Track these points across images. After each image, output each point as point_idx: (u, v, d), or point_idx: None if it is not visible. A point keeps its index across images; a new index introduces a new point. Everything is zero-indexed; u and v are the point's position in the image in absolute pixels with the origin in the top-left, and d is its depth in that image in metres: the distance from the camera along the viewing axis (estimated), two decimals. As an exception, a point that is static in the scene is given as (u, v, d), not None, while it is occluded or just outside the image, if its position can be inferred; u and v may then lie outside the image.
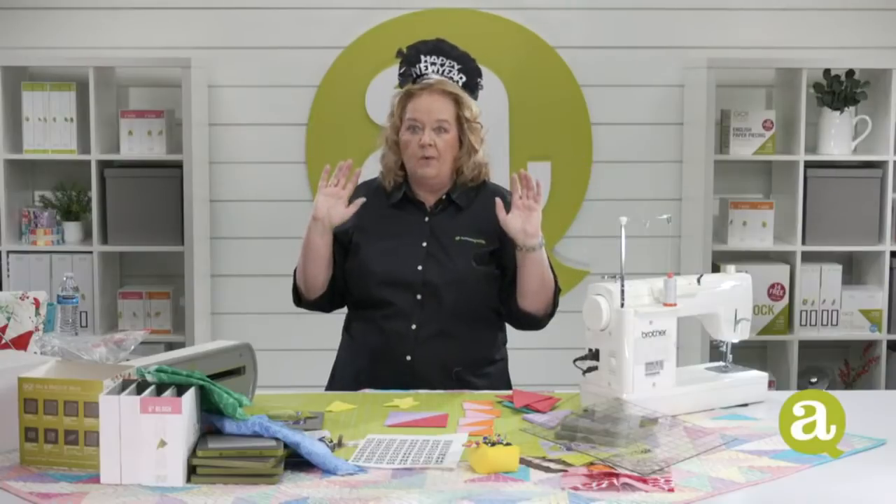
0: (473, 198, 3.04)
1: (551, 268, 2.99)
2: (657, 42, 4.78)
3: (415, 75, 3.02)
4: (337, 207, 2.89)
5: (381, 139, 3.08)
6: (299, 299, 3.07)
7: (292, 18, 4.74)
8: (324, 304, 3.06)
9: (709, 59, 4.52)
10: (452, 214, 3.01)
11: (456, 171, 3.02)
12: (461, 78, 3.03)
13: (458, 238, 2.98)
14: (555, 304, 3.03)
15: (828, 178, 4.60)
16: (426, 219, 3.00)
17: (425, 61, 3.02)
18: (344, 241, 3.00)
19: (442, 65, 3.02)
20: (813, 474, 2.20)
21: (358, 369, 2.98)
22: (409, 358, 2.93)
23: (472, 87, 3.05)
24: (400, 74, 3.07)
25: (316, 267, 2.95)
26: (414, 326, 2.93)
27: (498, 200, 2.87)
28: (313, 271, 2.96)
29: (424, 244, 2.97)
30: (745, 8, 4.79)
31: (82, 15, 4.71)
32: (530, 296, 2.96)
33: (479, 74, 3.08)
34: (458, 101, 2.98)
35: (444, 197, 3.02)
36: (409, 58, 3.04)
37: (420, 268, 2.94)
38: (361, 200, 2.92)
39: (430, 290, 2.93)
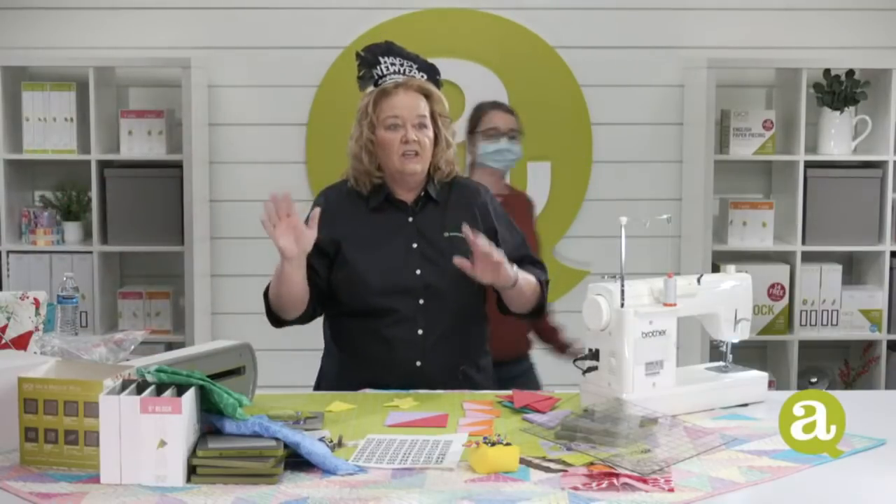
0: (448, 193, 3.02)
1: (539, 264, 3.03)
2: (657, 42, 4.77)
3: (376, 77, 2.97)
4: (301, 238, 2.75)
5: (352, 142, 2.98)
6: (276, 320, 2.96)
7: (292, 18, 4.74)
8: (304, 319, 2.97)
9: (709, 59, 4.52)
10: (434, 211, 2.98)
11: (431, 167, 2.99)
12: (422, 76, 3.00)
13: (446, 234, 2.95)
14: (543, 297, 3.02)
15: (828, 178, 4.60)
16: (410, 219, 2.96)
17: (384, 62, 2.97)
18: (329, 251, 2.91)
19: (401, 65, 2.98)
20: (813, 474, 2.20)
21: (360, 380, 2.90)
22: (419, 364, 2.91)
23: (436, 83, 3.02)
24: (359, 78, 3.00)
25: (294, 294, 2.85)
26: (420, 332, 2.90)
27: (463, 261, 2.79)
28: (292, 298, 2.86)
29: (415, 245, 2.93)
30: (745, 8, 4.79)
31: (82, 15, 4.71)
32: (515, 308, 3.01)
33: (437, 71, 3.04)
34: (429, 97, 2.95)
35: (422, 194, 2.98)
36: (367, 60, 2.98)
37: (419, 272, 2.91)
38: (317, 212, 2.79)
39: (432, 293, 2.91)
